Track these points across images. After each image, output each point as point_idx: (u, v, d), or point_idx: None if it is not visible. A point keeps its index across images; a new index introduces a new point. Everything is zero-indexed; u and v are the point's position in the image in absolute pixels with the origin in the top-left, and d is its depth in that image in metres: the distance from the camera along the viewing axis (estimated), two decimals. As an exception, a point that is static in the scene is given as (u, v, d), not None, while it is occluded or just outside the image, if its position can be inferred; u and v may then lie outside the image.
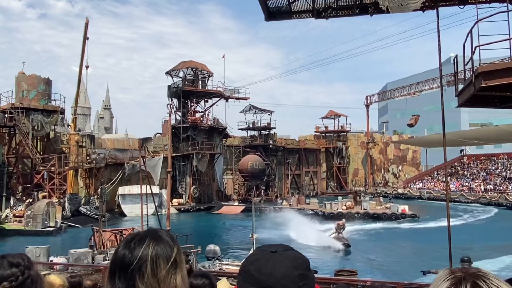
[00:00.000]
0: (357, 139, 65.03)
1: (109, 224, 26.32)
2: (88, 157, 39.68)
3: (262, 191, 51.46)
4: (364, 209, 37.34)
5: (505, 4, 10.46)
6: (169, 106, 25.81)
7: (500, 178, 49.29)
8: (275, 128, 56.35)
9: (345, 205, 38.21)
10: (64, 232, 30.60)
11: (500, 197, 43.49)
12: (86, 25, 38.01)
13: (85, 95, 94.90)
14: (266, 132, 56.49)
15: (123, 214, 38.54)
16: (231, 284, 3.31)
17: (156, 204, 25.55)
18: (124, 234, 19.62)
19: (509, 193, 43.33)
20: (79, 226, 32.03)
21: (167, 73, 46.29)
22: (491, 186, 47.80)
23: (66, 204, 35.15)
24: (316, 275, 12.75)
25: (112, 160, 41.13)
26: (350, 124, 64.06)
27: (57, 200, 34.11)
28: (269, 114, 56.05)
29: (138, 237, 1.17)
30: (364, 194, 49.37)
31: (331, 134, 62.85)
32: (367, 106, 62.59)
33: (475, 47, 8.79)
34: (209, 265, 15.52)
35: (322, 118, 63.22)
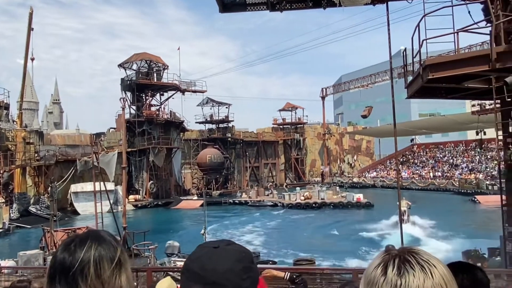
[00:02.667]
0: (314, 130, 66.32)
1: (61, 223, 25.30)
2: (36, 154, 37.70)
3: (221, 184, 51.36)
4: (322, 198, 38.25)
5: (449, -1, 10.90)
6: (122, 100, 24.82)
7: (448, 165, 52.13)
8: (233, 121, 56.29)
9: (303, 196, 38.94)
10: (12, 234, 29.03)
11: (447, 183, 46.03)
12: (31, 15, 35.83)
13: (31, 89, 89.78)
14: (224, 125, 56.24)
15: (76, 213, 37.11)
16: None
17: (112, 201, 24.79)
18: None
19: (455, 179, 45.93)
20: (29, 226, 30.47)
21: (120, 65, 44.75)
22: (439, 173, 50.45)
23: (14, 204, 33.30)
24: (274, 266, 12.88)
25: (63, 157, 39.36)
26: (307, 116, 65.32)
27: (3, 200, 32.21)
28: (226, 107, 55.82)
29: (79, 239, 1.12)
30: (321, 184, 50.57)
31: (289, 126, 63.65)
32: (323, 98, 63.85)
33: (423, 41, 9.12)
34: (165, 262, 15.24)
35: (280, 110, 63.84)
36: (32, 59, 38.66)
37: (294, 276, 3.32)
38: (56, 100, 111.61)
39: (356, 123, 76.68)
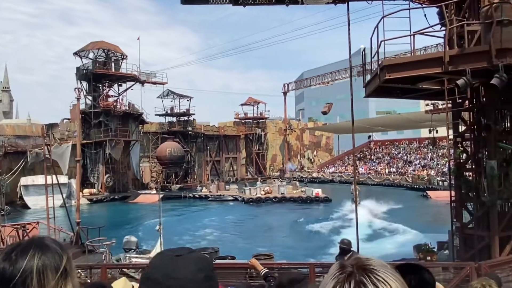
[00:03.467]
0: (275, 125, 66.84)
1: (9, 218, 24.15)
2: (-18, 145, 35.50)
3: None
4: (282, 193, 38.68)
5: (407, 2, 11.24)
6: (77, 89, 23.79)
7: (402, 162, 54.24)
8: (194, 114, 55.56)
9: (263, 190, 39.19)
10: (-46, 230, 27.16)
11: (401, 179, 47.92)
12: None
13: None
14: (185, 119, 55.41)
15: (26, 207, 35.37)
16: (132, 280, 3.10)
17: (64, 195, 23.80)
18: (28, 229, 18.01)
19: (408, 175, 47.90)
20: (-27, 222, 28.67)
21: (76, 53, 42.84)
22: (394, 169, 52.41)
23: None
24: (234, 261, 12.80)
25: (12, 148, 37.33)
26: (268, 111, 65.59)
27: None
28: (188, 100, 54.98)
29: (20, 248, 1.07)
30: (281, 179, 51.12)
31: (251, 120, 63.74)
32: (285, 93, 64.41)
33: (381, 41, 9.34)
34: (120, 258, 14.83)
35: (242, 104, 63.74)
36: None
37: (268, 275, 3.60)
38: (5, 87, 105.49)
39: (316, 119, 78.01)
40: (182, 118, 55.33)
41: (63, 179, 31.80)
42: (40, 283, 1.02)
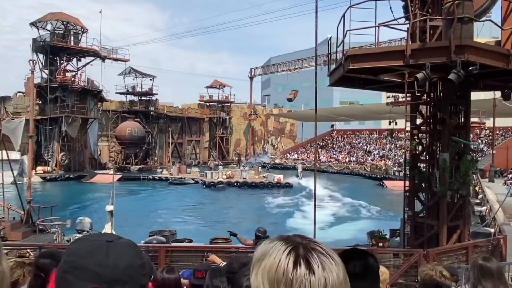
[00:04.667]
0: (240, 110, 66.60)
1: (-47, 195, 22.61)
2: None
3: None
4: (243, 178, 38.77)
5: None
6: (32, 62, 22.49)
7: (362, 151, 55.77)
8: (157, 94, 54.24)
9: (225, 174, 39.14)
10: None
11: (360, 168, 49.33)
12: None
13: None
14: (148, 98, 54.02)
15: (-27, 184, 33.44)
16: None
17: (16, 172, 22.70)
18: (-27, 207, 17.05)
19: (367, 164, 49.38)
20: None
21: (32, 24, 40.45)
22: (354, 158, 53.83)
23: None
24: (191, 244, 12.66)
25: (-42, 121, 34.98)
26: (234, 95, 65.09)
27: None
28: (151, 79, 53.55)
29: None
30: (244, 164, 51.23)
31: (215, 104, 63.11)
32: (251, 78, 64.08)
33: (346, 31, 9.36)
34: (70, 239, 14.37)
35: (207, 87, 62.89)
36: None
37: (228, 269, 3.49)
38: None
39: (282, 105, 78.47)
40: (144, 98, 53.90)
41: (14, 155, 30.32)
42: None
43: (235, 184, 37.69)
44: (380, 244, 12.25)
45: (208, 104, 63.09)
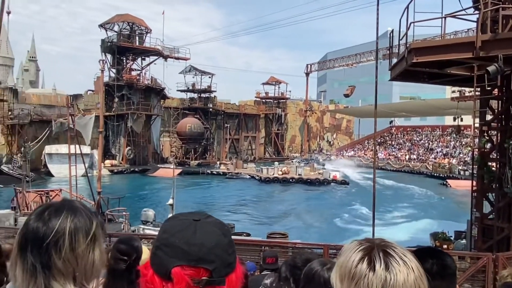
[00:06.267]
0: (296, 106, 66.33)
1: (34, 184, 24.89)
2: (10, 113, 36.51)
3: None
4: (299, 174, 38.68)
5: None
6: (102, 61, 24.11)
7: (423, 149, 53.29)
8: (215, 91, 55.62)
9: (281, 171, 39.29)
10: (-18, 193, 28.36)
11: (421, 166, 47.19)
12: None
13: (7, 44, 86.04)
14: (206, 95, 55.54)
15: (50, 175, 36.50)
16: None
17: (87, 165, 24.44)
18: (51, 196, 18.65)
19: (429, 163, 47.11)
20: (0, 186, 29.84)
21: (101, 25, 43.15)
22: (414, 156, 51.60)
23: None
24: (249, 238, 12.97)
25: (37, 117, 38.28)
26: (290, 91, 64.99)
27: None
28: (209, 77, 54.98)
29: (53, 208, 1.07)
30: (299, 160, 51.06)
31: (271, 100, 63.39)
32: (307, 74, 63.54)
33: (410, 23, 9.03)
34: (136, 229, 15.27)
35: (263, 84, 63.33)
36: (8, 13, 36.90)
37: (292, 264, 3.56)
38: (32, 57, 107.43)
39: (338, 101, 77.00)
40: (203, 95, 55.47)
41: (85, 149, 32.54)
42: (72, 246, 1.03)
43: (291, 180, 37.73)
44: (445, 246, 11.71)
45: (264, 100, 63.54)
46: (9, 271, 1.09)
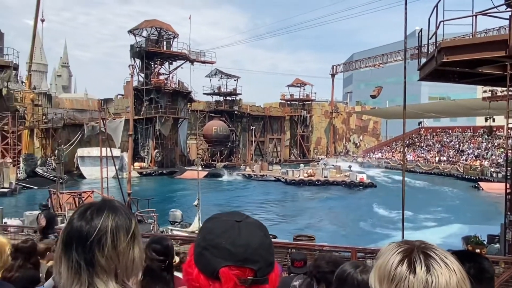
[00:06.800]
0: (321, 108, 65.85)
1: (67, 186, 25.70)
2: (44, 117, 37.94)
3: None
4: (325, 176, 38.37)
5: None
6: (131, 66, 24.74)
7: (454, 151, 51.82)
8: (241, 94, 55.98)
9: (306, 173, 39.10)
10: (19, 194, 29.58)
11: (452, 168, 45.89)
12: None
13: (41, 50, 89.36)
14: (232, 98, 55.96)
15: (82, 177, 37.65)
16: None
17: (117, 167, 25.05)
18: (83, 197, 19.23)
19: (460, 165, 45.77)
20: (35, 187, 31.02)
21: (130, 31, 44.26)
22: (444, 158, 50.24)
23: (21, 165, 33.78)
24: (275, 240, 12.99)
25: (70, 121, 39.62)
26: (315, 93, 64.61)
27: (11, 160, 32.66)
28: (235, 80, 55.35)
29: (95, 208, 1.12)
30: (325, 162, 50.65)
31: (296, 102, 63.18)
32: (333, 75, 63.03)
33: (440, 22, 8.89)
34: (164, 230, 15.59)
35: (288, 86, 63.24)
36: (42, 21, 38.44)
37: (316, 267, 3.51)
38: (65, 63, 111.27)
39: (364, 102, 75.91)
40: (228, 98, 55.93)
41: (116, 152, 33.40)
42: (114, 244, 1.07)
43: (317, 182, 37.48)
44: (477, 251, 11.41)
45: (289, 102, 63.43)
46: (54, 268, 1.14)
